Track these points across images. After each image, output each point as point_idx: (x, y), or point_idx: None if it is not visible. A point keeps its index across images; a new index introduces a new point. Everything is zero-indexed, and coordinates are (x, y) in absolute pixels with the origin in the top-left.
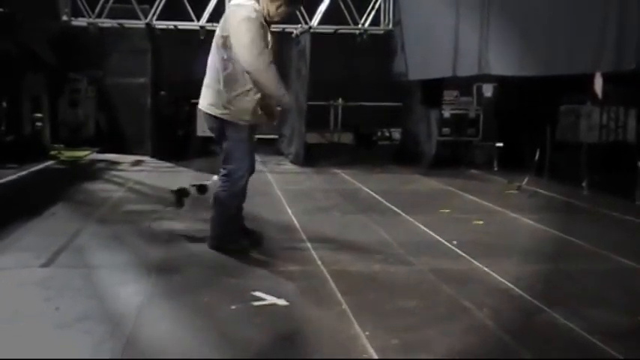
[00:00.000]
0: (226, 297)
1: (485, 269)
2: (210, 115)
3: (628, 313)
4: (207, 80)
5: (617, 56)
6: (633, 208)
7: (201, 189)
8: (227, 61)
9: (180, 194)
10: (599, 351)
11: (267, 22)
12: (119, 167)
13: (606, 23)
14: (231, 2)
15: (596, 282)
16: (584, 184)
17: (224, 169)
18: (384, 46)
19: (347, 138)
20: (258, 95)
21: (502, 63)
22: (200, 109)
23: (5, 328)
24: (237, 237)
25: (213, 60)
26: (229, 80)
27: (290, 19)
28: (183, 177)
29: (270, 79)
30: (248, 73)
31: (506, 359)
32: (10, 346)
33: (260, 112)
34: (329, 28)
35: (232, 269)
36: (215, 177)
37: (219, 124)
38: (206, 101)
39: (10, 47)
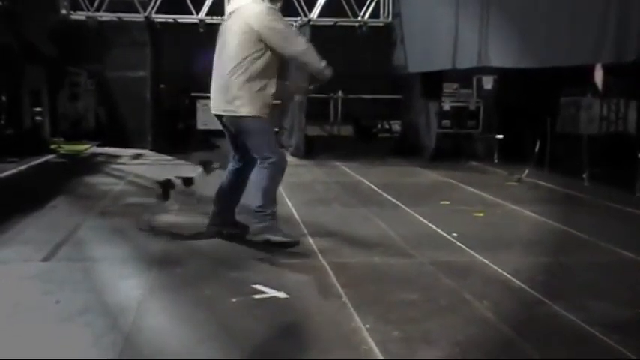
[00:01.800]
0: (227, 290)
1: (486, 261)
2: (231, 116)
3: (628, 304)
4: (219, 82)
5: (617, 48)
6: (633, 200)
7: (188, 182)
8: (253, 57)
9: (166, 186)
10: (598, 342)
11: None
12: (119, 161)
13: (607, 14)
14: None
15: (596, 274)
16: (584, 176)
17: (260, 160)
18: (383, 38)
19: (347, 130)
20: (273, 88)
21: (502, 55)
22: (221, 115)
23: (6, 322)
24: (280, 229)
25: (228, 60)
26: (255, 75)
27: (289, 11)
28: (184, 170)
29: (313, 56)
30: (294, 58)
31: (507, 350)
32: (11, 340)
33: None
34: (328, 21)
35: (232, 262)
36: (200, 169)
37: (240, 122)
38: (224, 104)
39: (10, 40)
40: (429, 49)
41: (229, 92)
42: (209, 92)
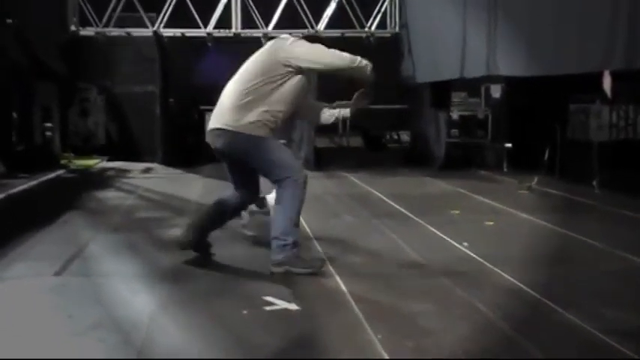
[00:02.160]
0: (238, 303)
1: (498, 271)
2: (229, 131)
3: None
4: (228, 102)
5: (627, 54)
6: None
7: (260, 203)
8: (270, 81)
9: None
10: (615, 352)
11: None
12: (129, 175)
13: (616, 21)
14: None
15: (610, 282)
16: (594, 183)
17: (276, 182)
18: (391, 49)
19: (356, 142)
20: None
21: (510, 63)
22: (219, 129)
23: (20, 336)
24: (303, 258)
25: (243, 82)
26: (265, 100)
27: (296, 23)
28: (194, 183)
29: (353, 58)
30: (340, 69)
31: None
32: (25, 354)
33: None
34: (336, 32)
35: (244, 275)
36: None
37: (239, 139)
38: (225, 120)
39: (20, 58)
40: (437, 59)
41: (234, 110)
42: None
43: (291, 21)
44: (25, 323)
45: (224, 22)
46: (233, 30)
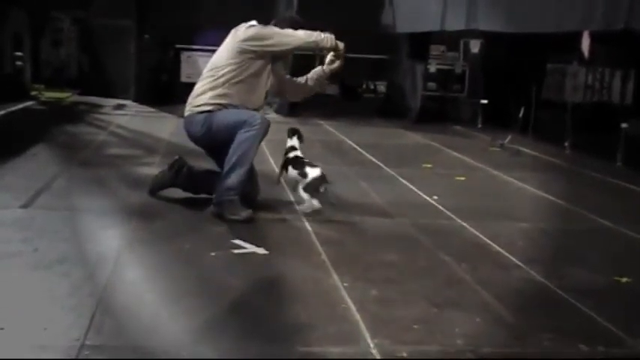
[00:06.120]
0: (206, 244)
1: (465, 224)
2: (193, 114)
3: (603, 272)
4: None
5: (607, 15)
6: (614, 169)
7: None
8: (233, 67)
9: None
10: (572, 307)
11: None
12: (102, 110)
13: None
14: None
15: (574, 241)
16: (566, 143)
17: (241, 132)
18: None
19: (332, 89)
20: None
21: (491, 18)
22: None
23: None
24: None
25: (210, 68)
26: (226, 85)
27: None
28: (166, 123)
29: (309, 35)
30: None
31: (482, 312)
32: None
33: None
34: None
35: (213, 217)
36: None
37: (199, 117)
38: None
39: None
40: (418, 9)
41: (198, 94)
42: (194, 44)
43: None
44: None
45: None
46: None
